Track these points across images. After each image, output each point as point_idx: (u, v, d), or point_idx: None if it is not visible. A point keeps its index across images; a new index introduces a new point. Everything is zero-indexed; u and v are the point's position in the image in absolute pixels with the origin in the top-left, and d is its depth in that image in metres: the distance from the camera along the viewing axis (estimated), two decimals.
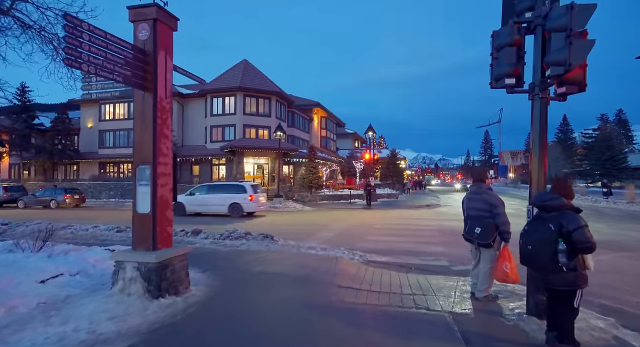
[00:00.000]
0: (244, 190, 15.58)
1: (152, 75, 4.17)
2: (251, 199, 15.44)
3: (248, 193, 15.46)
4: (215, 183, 17.96)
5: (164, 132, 4.30)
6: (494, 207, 4.15)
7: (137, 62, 4.08)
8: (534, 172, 3.67)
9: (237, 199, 15.46)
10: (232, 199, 15.49)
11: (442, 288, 4.91)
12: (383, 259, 7.15)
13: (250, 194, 15.44)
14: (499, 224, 4.11)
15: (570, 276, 2.72)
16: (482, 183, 4.39)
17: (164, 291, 4.02)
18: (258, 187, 16.70)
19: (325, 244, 8.41)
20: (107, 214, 16.63)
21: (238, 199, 15.45)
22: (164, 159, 4.29)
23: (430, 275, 5.76)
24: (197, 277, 5.15)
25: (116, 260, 4.07)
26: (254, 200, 15.52)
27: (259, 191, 16.34)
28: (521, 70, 3.70)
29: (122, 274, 4.01)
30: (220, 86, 28.40)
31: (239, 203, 15.40)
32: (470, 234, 4.26)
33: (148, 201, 4.14)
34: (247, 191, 15.55)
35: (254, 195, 15.53)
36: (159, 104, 4.21)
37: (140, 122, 4.20)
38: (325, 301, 4.31)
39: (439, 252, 7.96)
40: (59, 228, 9.95)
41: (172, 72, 4.49)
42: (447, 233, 10.62)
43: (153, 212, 4.12)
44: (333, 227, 12.15)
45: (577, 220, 2.74)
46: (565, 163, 63.20)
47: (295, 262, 6.35)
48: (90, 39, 3.47)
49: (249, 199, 15.39)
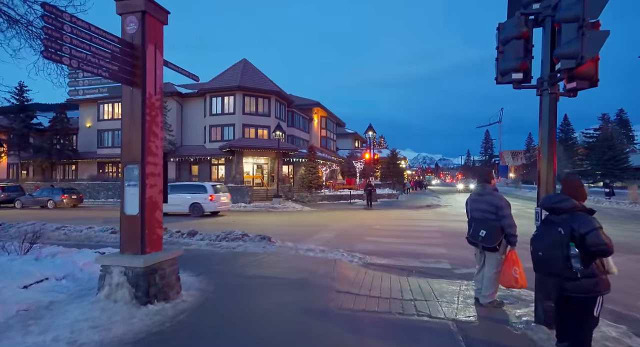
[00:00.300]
0: (204, 190, 15.85)
1: (141, 70, 3.97)
2: (211, 199, 15.72)
3: (208, 193, 15.75)
4: (178, 183, 18.21)
5: (154, 130, 4.10)
6: (499, 209, 3.95)
7: (124, 56, 3.88)
8: (543, 172, 3.47)
9: (198, 199, 15.78)
10: (193, 199, 15.80)
11: (445, 293, 4.71)
12: (383, 262, 6.96)
13: (210, 194, 15.73)
14: (505, 226, 3.91)
15: (589, 282, 2.52)
16: (487, 183, 4.19)
17: (152, 297, 3.82)
18: (220, 188, 17.03)
19: (324, 246, 8.21)
20: (104, 215, 16.42)
21: (199, 199, 15.76)
22: (154, 158, 4.09)
23: (432, 279, 5.56)
24: (190, 281, 4.96)
25: (102, 264, 3.88)
26: (214, 200, 15.80)
27: (220, 191, 16.61)
28: (529, 64, 3.50)
29: (108, 279, 3.81)
30: (220, 85, 28.20)
31: (199, 203, 15.71)
32: (475, 237, 4.06)
33: (136, 202, 3.94)
34: (207, 190, 15.82)
35: (214, 195, 15.82)
36: (148, 100, 4.02)
37: (129, 119, 4.00)
38: (322, 307, 4.11)
39: (441, 254, 7.76)
40: (53, 229, 9.78)
41: (162, 67, 4.30)
42: (448, 234, 10.42)
43: (142, 214, 3.93)
44: (332, 228, 11.95)
45: (590, 222, 2.54)
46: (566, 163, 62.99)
47: (292, 265, 6.16)
48: (72, 31, 3.27)
49: (209, 198, 15.66)
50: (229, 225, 12.16)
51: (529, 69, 3.51)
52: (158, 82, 4.19)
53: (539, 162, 3.53)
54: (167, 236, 8.93)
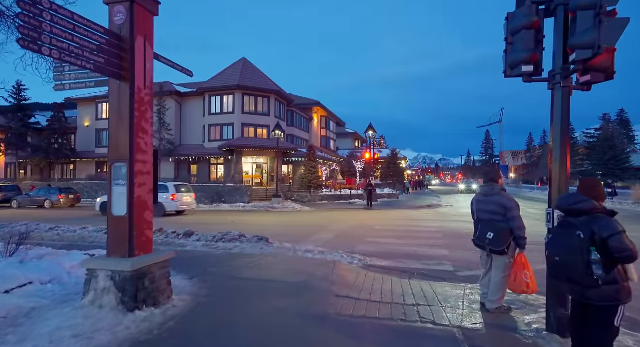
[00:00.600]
0: (166, 189, 15.91)
1: (129, 63, 3.76)
2: (173, 199, 15.93)
3: (170, 193, 15.89)
4: None
5: (143, 126, 3.89)
6: (508, 211, 3.73)
7: (111, 48, 3.67)
8: (555, 171, 3.26)
9: (159, 198, 15.58)
10: None
11: (449, 298, 4.50)
12: (384, 264, 6.75)
13: (172, 194, 15.91)
14: (514, 228, 3.70)
15: (610, 289, 2.31)
16: (495, 183, 3.97)
17: (140, 302, 3.61)
18: (183, 187, 17.22)
19: (323, 247, 8.00)
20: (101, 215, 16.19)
21: (160, 199, 15.69)
22: (143, 156, 3.88)
23: (435, 282, 5.36)
24: (183, 284, 4.75)
25: (88, 268, 3.67)
26: (176, 199, 16.05)
27: (183, 191, 16.84)
28: (540, 56, 3.29)
29: (94, 283, 3.60)
30: (219, 85, 27.96)
31: (160, 202, 15.66)
32: (482, 239, 3.85)
33: (124, 202, 3.74)
34: (169, 190, 15.96)
35: (176, 194, 16.05)
36: (137, 95, 3.81)
37: (116, 115, 3.79)
38: (321, 313, 3.90)
39: (443, 255, 7.55)
40: (47, 229, 9.58)
41: (152, 61, 4.09)
42: (449, 235, 10.22)
43: (130, 215, 3.72)
44: (332, 228, 11.74)
45: (613, 225, 2.33)
46: None
47: (290, 267, 5.95)
48: (53, 19, 3.06)
49: (170, 198, 15.82)
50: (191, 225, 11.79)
51: (540, 61, 3.30)
52: (148, 76, 3.98)
53: (551, 161, 3.31)
54: (162, 236, 8.72)
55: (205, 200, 22.45)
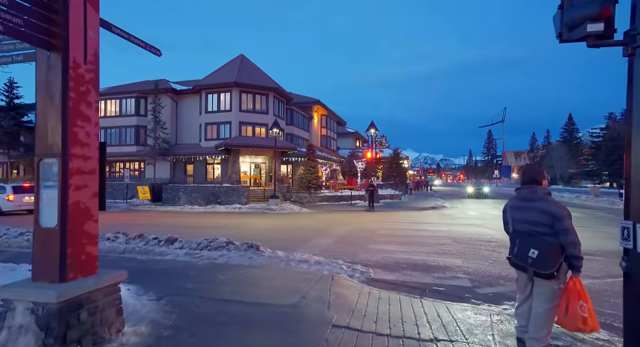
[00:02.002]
0: (3, 190, 16.30)
1: (62, 28, 2.88)
2: (9, 199, 16.12)
3: (7, 193, 16.17)
4: None
5: (83, 111, 3.00)
6: (557, 221, 2.81)
7: (37, 8, 2.79)
8: (635, 166, 2.35)
9: None
10: None
11: (473, 327, 3.61)
12: (390, 277, 5.87)
13: (9, 194, 16.15)
14: (565, 244, 2.78)
15: None
16: (537, 185, 3.06)
17: (72, 343, 2.72)
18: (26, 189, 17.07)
19: (321, 255, 7.12)
20: None
21: None
22: (83, 149, 3.00)
23: (452, 303, 4.46)
24: (146, 308, 3.87)
25: (2, 298, 2.78)
26: (14, 200, 16.23)
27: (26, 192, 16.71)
28: (612, 10, 2.39)
29: (9, 319, 2.71)
30: (216, 82, 27.08)
31: None
32: (522, 258, 2.94)
33: (55, 210, 2.85)
34: (6, 191, 16.28)
35: (13, 195, 16.22)
36: (73, 70, 2.92)
37: (44, 95, 2.91)
38: None
39: (456, 266, 6.66)
40: (16, 235, 8.71)
41: (97, 28, 3.20)
42: (459, 240, 9.30)
43: (62, 226, 2.83)
44: (331, 232, 10.84)
45: None
46: (570, 163, 61.78)
47: (281, 283, 5.05)
48: None
49: (6, 198, 16.11)
50: (179, 228, 11.03)
51: (612, 18, 2.40)
52: (90, 48, 3.09)
53: (628, 155, 2.40)
54: (142, 243, 7.84)
55: (200, 201, 21.58)
